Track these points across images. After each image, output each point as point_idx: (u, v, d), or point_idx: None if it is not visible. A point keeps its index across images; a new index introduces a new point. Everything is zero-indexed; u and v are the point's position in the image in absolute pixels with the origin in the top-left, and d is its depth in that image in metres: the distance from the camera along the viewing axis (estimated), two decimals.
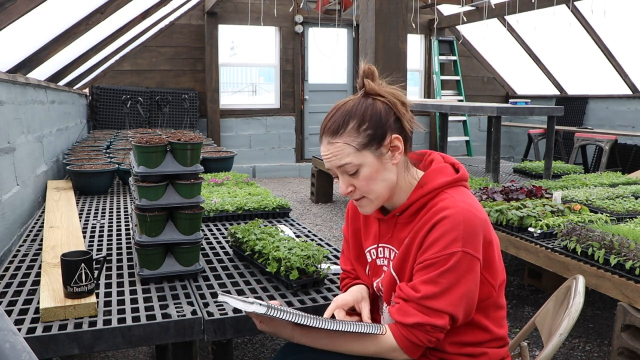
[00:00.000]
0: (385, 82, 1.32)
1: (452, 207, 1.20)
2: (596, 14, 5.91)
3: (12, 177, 2.64)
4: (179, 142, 1.72)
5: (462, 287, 1.18)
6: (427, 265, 1.20)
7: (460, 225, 1.18)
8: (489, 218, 1.28)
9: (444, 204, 1.22)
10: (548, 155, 4.36)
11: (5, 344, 0.59)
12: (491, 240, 1.26)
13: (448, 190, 1.27)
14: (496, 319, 1.31)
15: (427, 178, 1.30)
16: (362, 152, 1.25)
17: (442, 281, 1.18)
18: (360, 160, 1.25)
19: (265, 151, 8.03)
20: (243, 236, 1.99)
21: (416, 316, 1.19)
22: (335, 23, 7.20)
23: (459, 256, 1.17)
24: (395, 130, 1.26)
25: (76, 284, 1.49)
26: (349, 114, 1.27)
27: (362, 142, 1.25)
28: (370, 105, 1.27)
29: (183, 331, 1.47)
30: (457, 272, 1.18)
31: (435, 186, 1.27)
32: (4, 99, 2.58)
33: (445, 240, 1.18)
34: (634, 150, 6.75)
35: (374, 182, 1.26)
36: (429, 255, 1.20)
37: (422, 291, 1.18)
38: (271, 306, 1.14)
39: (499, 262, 1.29)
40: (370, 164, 1.25)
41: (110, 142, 4.76)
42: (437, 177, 1.29)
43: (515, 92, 9.21)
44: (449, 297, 1.18)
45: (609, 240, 2.24)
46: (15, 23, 2.41)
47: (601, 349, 2.71)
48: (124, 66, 7.26)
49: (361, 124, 1.25)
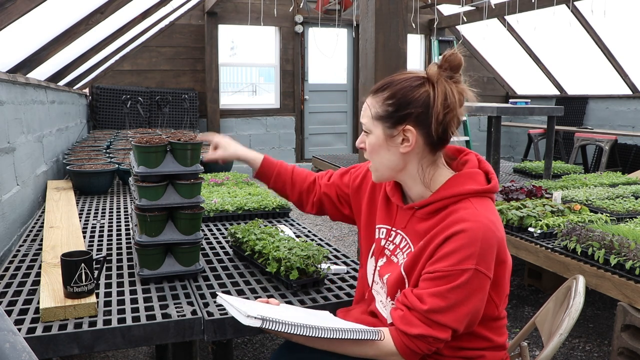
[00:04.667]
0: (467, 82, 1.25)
1: (472, 221, 1.16)
2: (596, 14, 5.91)
3: (12, 177, 2.64)
4: (179, 142, 1.72)
5: (470, 304, 1.16)
6: (437, 277, 1.17)
7: (477, 242, 1.15)
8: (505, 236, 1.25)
9: (464, 215, 1.18)
10: (548, 155, 4.36)
11: (5, 344, 0.59)
12: (504, 260, 1.22)
13: (473, 199, 1.22)
14: (496, 328, 1.30)
15: (456, 181, 1.25)
16: (375, 122, 1.26)
17: (451, 297, 1.15)
18: (371, 127, 1.27)
19: (265, 151, 8.03)
20: (243, 236, 1.99)
21: (420, 327, 1.17)
22: (335, 23, 7.19)
23: (471, 274, 1.14)
24: (416, 123, 1.21)
25: (76, 284, 1.49)
26: (392, 82, 1.25)
27: (379, 113, 1.25)
28: (415, 88, 1.21)
29: (183, 331, 1.47)
30: (467, 289, 1.15)
31: (461, 192, 1.22)
32: (4, 99, 2.58)
33: (460, 255, 1.15)
34: (634, 150, 6.75)
35: (375, 153, 1.27)
36: (441, 267, 1.17)
37: (429, 304, 1.16)
38: (266, 319, 1.11)
39: (507, 282, 1.26)
40: (377, 137, 1.26)
41: (110, 142, 4.76)
42: (466, 183, 1.24)
43: (515, 92, 9.21)
44: (455, 314, 1.16)
45: (609, 240, 2.24)
46: (15, 23, 2.41)
47: (601, 349, 2.71)
48: (124, 66, 7.26)
49: (390, 97, 1.23)
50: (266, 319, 1.11)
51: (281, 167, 1.68)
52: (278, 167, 1.68)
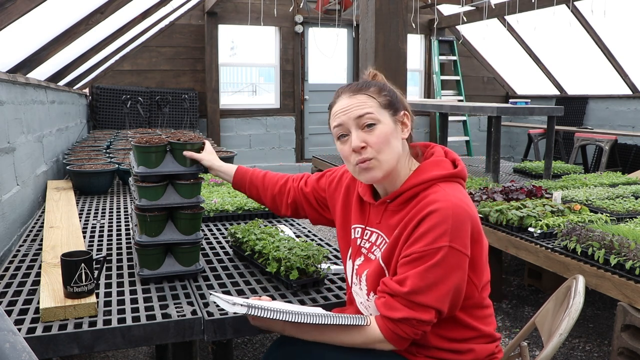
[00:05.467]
0: None
1: (442, 201, 1.20)
2: (596, 14, 5.91)
3: (12, 177, 2.64)
4: (178, 142, 1.72)
5: (449, 282, 1.18)
6: (414, 259, 1.19)
7: (448, 220, 1.17)
8: (479, 218, 1.27)
9: (434, 197, 1.22)
10: (548, 155, 4.36)
11: (5, 344, 0.59)
12: (479, 239, 1.25)
13: (441, 184, 1.26)
14: (481, 317, 1.32)
15: (423, 168, 1.30)
16: (382, 110, 1.30)
17: (429, 276, 1.17)
18: (380, 116, 1.29)
19: (265, 151, 8.03)
20: (243, 236, 1.99)
21: (403, 311, 1.19)
22: (335, 23, 7.20)
23: (446, 251, 1.17)
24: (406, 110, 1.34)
25: (76, 284, 1.49)
26: (368, 83, 1.34)
27: (383, 102, 1.30)
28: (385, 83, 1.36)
29: (183, 331, 1.47)
30: (444, 267, 1.17)
31: (429, 177, 1.27)
32: (4, 99, 2.58)
33: (433, 234, 1.17)
34: (634, 150, 6.76)
35: (387, 144, 1.28)
36: (416, 249, 1.19)
37: (409, 286, 1.18)
38: (252, 305, 1.16)
39: (485, 264, 1.29)
40: (388, 124, 1.29)
41: (110, 142, 4.76)
42: (433, 169, 1.29)
43: (515, 92, 9.21)
44: (435, 292, 1.18)
45: (609, 240, 2.24)
46: (15, 23, 2.41)
47: (601, 349, 2.71)
48: (124, 66, 7.26)
49: (382, 90, 1.32)
50: (251, 306, 1.16)
51: (253, 174, 1.73)
52: (250, 174, 1.73)
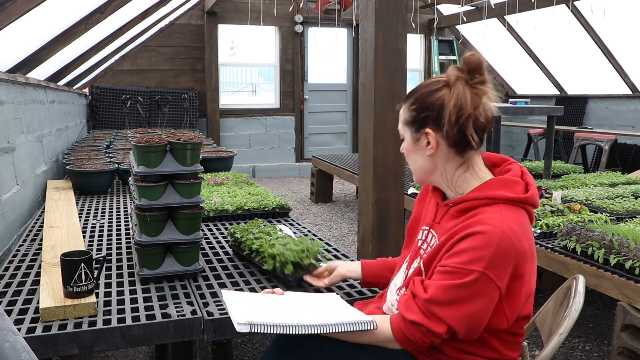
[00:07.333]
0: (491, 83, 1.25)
1: (493, 225, 1.16)
2: (596, 14, 5.91)
3: (12, 177, 2.64)
4: (179, 142, 1.72)
5: (470, 306, 1.16)
6: (445, 272, 1.18)
7: (491, 247, 1.14)
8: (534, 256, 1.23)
9: (487, 218, 1.18)
10: (548, 155, 4.36)
11: (5, 343, 0.59)
12: (522, 275, 1.19)
13: (504, 206, 1.21)
14: (508, 342, 1.28)
15: (491, 185, 1.25)
16: (405, 127, 1.33)
17: (451, 293, 1.16)
18: (403, 133, 1.34)
19: (265, 151, 8.03)
20: (242, 236, 1.99)
21: (417, 315, 1.19)
22: (335, 23, 7.19)
23: (477, 276, 1.14)
24: (435, 127, 1.26)
25: (76, 284, 1.49)
26: (417, 89, 1.33)
27: (406, 119, 1.32)
28: (434, 92, 1.26)
29: (183, 331, 1.47)
30: (470, 290, 1.15)
31: (493, 196, 1.22)
32: (4, 99, 2.58)
33: (471, 255, 1.15)
34: (634, 150, 6.75)
35: (409, 157, 1.35)
36: (450, 263, 1.18)
37: (430, 294, 1.18)
38: (254, 324, 1.16)
39: (524, 300, 1.23)
40: (408, 141, 1.33)
41: (110, 142, 4.76)
42: (501, 189, 1.24)
43: (515, 92, 9.21)
44: (453, 311, 1.16)
45: (609, 240, 2.24)
46: (15, 23, 2.41)
47: (601, 349, 2.71)
48: (124, 66, 7.26)
49: (414, 103, 1.30)
50: (254, 324, 1.16)
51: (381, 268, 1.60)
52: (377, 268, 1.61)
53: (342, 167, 5.31)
